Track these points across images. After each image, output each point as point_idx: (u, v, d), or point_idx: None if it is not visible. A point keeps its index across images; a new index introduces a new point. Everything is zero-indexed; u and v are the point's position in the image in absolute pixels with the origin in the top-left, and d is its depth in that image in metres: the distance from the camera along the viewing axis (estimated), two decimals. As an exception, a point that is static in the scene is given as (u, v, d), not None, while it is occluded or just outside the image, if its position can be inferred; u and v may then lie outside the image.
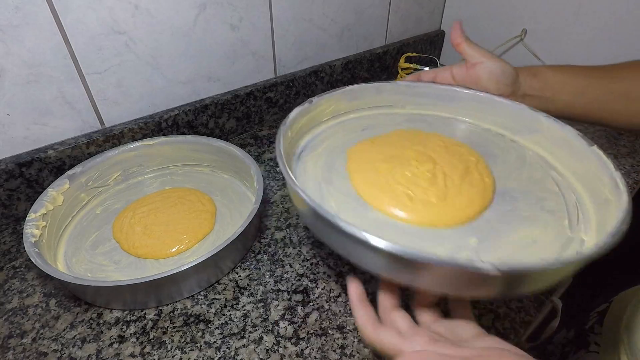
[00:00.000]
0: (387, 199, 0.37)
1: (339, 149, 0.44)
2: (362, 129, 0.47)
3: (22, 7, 0.45)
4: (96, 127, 0.57)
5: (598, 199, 0.37)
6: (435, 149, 0.44)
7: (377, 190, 0.38)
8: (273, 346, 0.39)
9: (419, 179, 0.39)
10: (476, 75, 0.45)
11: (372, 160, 0.42)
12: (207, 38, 0.62)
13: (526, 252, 0.33)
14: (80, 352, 0.38)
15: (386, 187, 0.39)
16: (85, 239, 0.49)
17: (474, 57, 0.45)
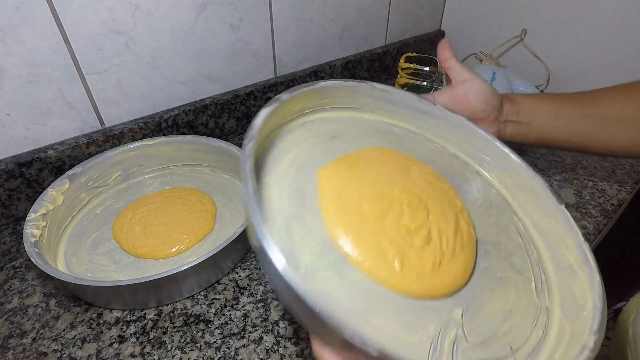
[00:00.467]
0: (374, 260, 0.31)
1: (308, 168, 0.36)
2: (331, 136, 0.40)
3: (22, 7, 0.45)
4: (96, 127, 0.57)
5: (560, 263, 0.35)
6: (423, 186, 0.38)
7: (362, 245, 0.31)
8: (273, 346, 0.39)
9: (413, 237, 0.33)
10: (464, 93, 0.43)
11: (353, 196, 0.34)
12: (207, 38, 0.62)
13: (505, 326, 0.31)
14: (80, 352, 0.38)
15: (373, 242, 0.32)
16: (85, 239, 0.49)
17: (463, 74, 0.43)
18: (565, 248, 0.35)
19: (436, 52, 0.46)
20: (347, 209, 0.33)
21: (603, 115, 0.44)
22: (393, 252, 0.31)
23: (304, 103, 0.39)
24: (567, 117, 0.44)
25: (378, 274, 0.30)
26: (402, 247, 0.32)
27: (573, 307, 0.32)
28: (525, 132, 0.45)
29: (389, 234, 0.33)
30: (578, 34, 0.82)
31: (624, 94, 0.44)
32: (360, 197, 0.34)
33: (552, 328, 0.32)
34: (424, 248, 0.33)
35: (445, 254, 0.33)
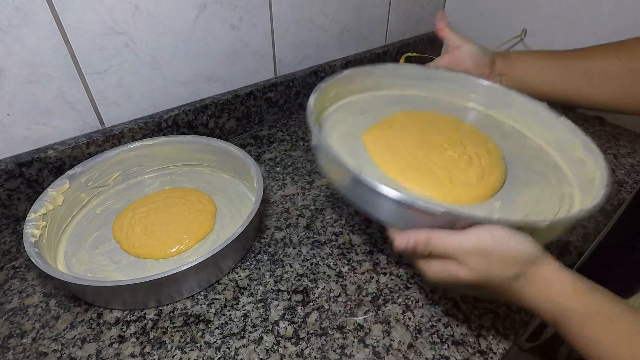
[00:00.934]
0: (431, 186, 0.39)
1: (353, 135, 0.45)
2: (361, 112, 0.50)
3: (22, 7, 0.45)
4: (96, 127, 0.57)
5: (572, 159, 0.44)
6: (453, 129, 0.48)
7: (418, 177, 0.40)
8: (273, 346, 0.39)
9: (458, 162, 0.42)
10: (459, 56, 0.50)
11: (400, 145, 0.44)
12: (207, 38, 0.62)
13: (537, 208, 0.39)
14: (80, 352, 0.38)
15: (427, 172, 0.41)
16: (85, 239, 0.49)
17: (456, 40, 0.50)
18: (572, 147, 0.44)
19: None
20: (398, 155, 0.42)
21: (586, 71, 0.49)
22: (444, 173, 0.41)
23: (335, 90, 0.49)
24: (554, 73, 0.50)
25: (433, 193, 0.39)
26: (451, 170, 0.41)
27: (587, 184, 0.40)
28: (517, 85, 0.50)
29: (438, 163, 0.42)
30: (578, 34, 0.82)
31: (611, 51, 0.49)
32: (406, 145, 0.44)
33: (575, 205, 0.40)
34: (468, 168, 0.42)
35: (485, 169, 0.42)
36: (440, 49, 1.07)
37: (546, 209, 0.39)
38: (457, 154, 0.43)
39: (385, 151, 0.43)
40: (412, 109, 0.51)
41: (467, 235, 0.29)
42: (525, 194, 0.41)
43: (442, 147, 0.44)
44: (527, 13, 0.87)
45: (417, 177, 0.40)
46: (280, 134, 0.74)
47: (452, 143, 0.45)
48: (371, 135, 0.45)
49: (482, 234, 0.29)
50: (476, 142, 0.46)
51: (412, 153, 0.43)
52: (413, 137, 0.45)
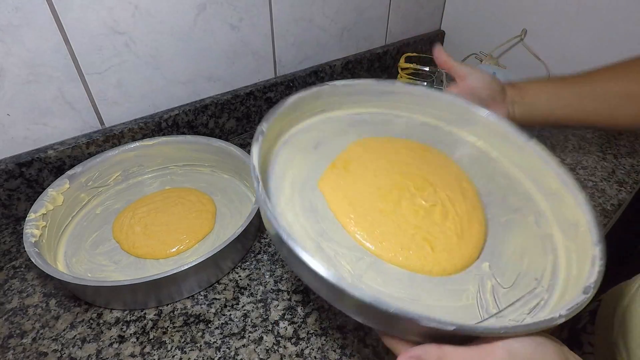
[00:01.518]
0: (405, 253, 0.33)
1: (308, 184, 0.38)
2: (313, 146, 0.42)
3: (22, 7, 0.45)
4: (96, 127, 0.57)
5: (546, 191, 0.39)
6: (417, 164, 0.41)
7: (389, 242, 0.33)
8: (273, 346, 0.39)
9: (432, 214, 0.36)
10: (470, 85, 0.48)
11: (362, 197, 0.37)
12: (207, 38, 0.62)
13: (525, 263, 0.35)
14: (80, 352, 0.38)
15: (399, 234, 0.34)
16: (85, 239, 0.49)
17: (463, 70, 0.48)
18: (545, 177, 0.39)
19: None
20: (362, 210, 0.35)
21: (604, 93, 0.48)
22: (421, 236, 0.34)
23: (280, 125, 0.41)
24: (566, 98, 0.49)
25: (413, 266, 0.33)
26: (426, 227, 0.35)
27: (569, 227, 0.35)
28: (530, 112, 0.49)
29: (409, 220, 0.35)
30: (578, 34, 0.82)
31: (623, 71, 0.48)
32: (369, 196, 0.37)
33: (559, 250, 0.35)
34: (444, 222, 0.36)
35: (463, 220, 0.36)
36: (440, 49, 1.07)
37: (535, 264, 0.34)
38: (428, 203, 0.37)
39: (346, 205, 0.36)
40: (368, 135, 0.44)
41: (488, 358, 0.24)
42: (510, 244, 0.36)
43: (410, 191, 0.38)
44: (527, 13, 0.87)
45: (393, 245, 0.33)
46: (280, 134, 0.74)
47: (419, 185, 0.38)
48: (327, 182, 0.38)
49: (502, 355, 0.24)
50: (446, 179, 0.40)
51: (379, 208, 0.36)
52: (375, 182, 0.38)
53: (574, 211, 0.35)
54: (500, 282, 0.33)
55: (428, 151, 0.44)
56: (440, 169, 0.41)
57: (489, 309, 0.32)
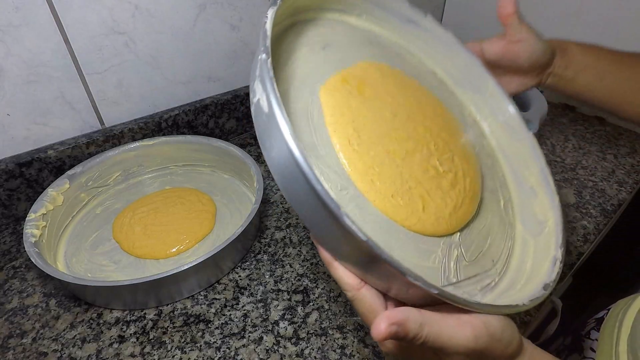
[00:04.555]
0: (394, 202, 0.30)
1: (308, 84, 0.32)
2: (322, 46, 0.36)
3: (22, 7, 0.45)
4: (96, 127, 0.57)
5: (522, 184, 0.38)
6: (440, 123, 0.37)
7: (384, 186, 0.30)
8: (273, 346, 0.39)
9: (442, 179, 0.34)
10: (516, 52, 0.42)
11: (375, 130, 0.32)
12: (207, 38, 0.62)
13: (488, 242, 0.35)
14: (80, 352, 0.38)
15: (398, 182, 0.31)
16: (85, 239, 0.49)
17: (521, 32, 0.42)
18: (527, 171, 0.38)
19: None
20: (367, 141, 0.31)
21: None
22: (418, 192, 0.32)
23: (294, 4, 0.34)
24: (612, 80, 0.44)
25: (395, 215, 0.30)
26: (429, 187, 0.33)
27: (534, 224, 0.35)
28: (565, 85, 0.45)
29: (416, 173, 0.32)
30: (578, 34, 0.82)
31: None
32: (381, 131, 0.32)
33: (516, 240, 0.35)
34: (449, 191, 0.34)
35: (466, 196, 0.34)
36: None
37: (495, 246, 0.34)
38: (443, 168, 0.34)
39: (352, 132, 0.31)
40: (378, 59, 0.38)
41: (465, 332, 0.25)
42: (480, 222, 0.35)
43: (428, 148, 0.34)
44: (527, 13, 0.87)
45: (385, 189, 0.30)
46: (280, 134, 0.74)
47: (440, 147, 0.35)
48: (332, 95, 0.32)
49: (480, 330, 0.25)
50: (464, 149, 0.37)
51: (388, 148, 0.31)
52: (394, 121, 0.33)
53: (545, 211, 0.35)
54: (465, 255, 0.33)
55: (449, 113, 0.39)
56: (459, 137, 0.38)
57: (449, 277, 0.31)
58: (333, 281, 0.45)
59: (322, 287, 0.45)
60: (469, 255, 0.33)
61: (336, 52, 0.36)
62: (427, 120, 0.36)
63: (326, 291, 0.44)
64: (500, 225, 0.36)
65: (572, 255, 0.50)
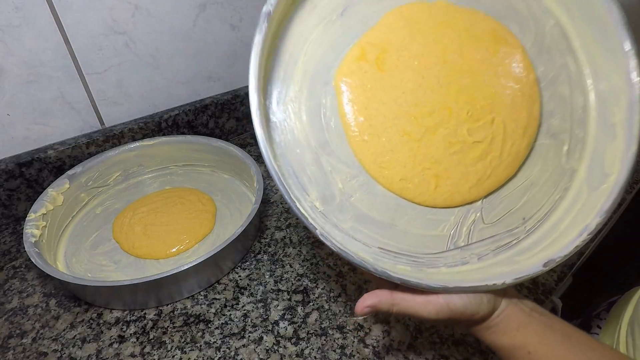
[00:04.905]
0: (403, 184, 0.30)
1: (322, 75, 0.30)
2: (338, 12, 0.31)
3: (22, 7, 0.45)
4: (96, 127, 0.57)
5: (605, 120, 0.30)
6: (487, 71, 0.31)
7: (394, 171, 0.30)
8: (273, 346, 0.39)
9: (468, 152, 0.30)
10: None
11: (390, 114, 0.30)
12: (207, 38, 0.62)
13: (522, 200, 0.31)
14: (80, 352, 0.38)
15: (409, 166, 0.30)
16: (85, 239, 0.49)
17: None
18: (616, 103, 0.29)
19: None
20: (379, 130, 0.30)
21: None
22: (433, 172, 0.31)
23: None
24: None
25: (407, 195, 0.31)
26: (447, 164, 0.31)
27: (599, 173, 0.29)
28: None
29: (433, 152, 0.31)
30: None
31: None
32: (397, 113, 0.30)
33: (570, 191, 0.30)
34: (476, 163, 0.31)
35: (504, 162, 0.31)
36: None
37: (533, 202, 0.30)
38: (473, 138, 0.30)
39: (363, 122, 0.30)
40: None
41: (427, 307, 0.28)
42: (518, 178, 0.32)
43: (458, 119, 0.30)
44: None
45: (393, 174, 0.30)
46: (280, 134, 0.74)
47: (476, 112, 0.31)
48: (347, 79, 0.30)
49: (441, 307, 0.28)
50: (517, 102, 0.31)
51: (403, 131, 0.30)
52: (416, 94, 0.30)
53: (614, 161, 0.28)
54: (484, 218, 0.31)
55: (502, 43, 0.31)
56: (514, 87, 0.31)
57: (457, 241, 0.31)
58: (333, 281, 0.45)
59: (322, 287, 0.45)
60: (489, 218, 0.31)
61: (356, 12, 0.31)
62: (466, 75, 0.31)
63: (326, 291, 0.44)
64: (553, 175, 0.31)
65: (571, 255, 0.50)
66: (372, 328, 0.40)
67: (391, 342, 0.39)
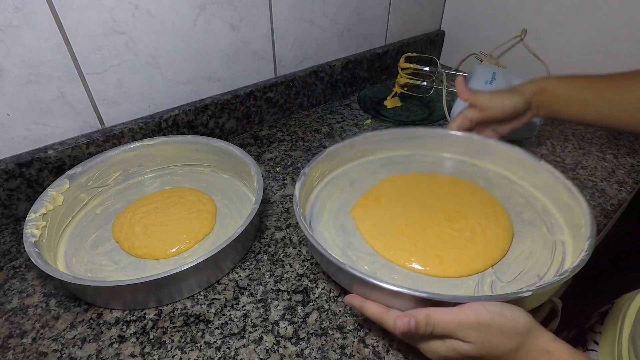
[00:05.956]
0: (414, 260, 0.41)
1: (343, 211, 0.49)
2: (349, 183, 0.53)
3: (22, 7, 0.45)
4: (96, 127, 0.57)
5: (559, 204, 0.45)
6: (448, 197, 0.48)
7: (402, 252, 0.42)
8: (273, 346, 0.39)
9: (455, 239, 0.43)
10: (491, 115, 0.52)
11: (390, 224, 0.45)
12: (207, 38, 0.62)
13: (529, 263, 0.41)
14: (80, 352, 0.38)
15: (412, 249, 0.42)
16: (85, 239, 0.49)
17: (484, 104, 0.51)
18: (558, 192, 0.45)
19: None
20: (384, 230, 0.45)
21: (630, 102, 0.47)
22: (435, 254, 0.41)
23: (320, 169, 0.52)
24: (597, 106, 0.49)
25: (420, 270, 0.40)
26: (443, 248, 0.42)
27: (576, 231, 0.41)
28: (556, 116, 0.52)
29: (430, 241, 0.43)
30: (578, 34, 0.82)
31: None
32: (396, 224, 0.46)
33: (568, 253, 0.41)
34: (468, 244, 0.42)
35: (490, 242, 0.42)
36: (440, 49, 1.07)
37: (540, 264, 0.40)
38: (456, 231, 0.44)
39: (372, 229, 0.45)
40: (399, 172, 0.54)
41: (464, 311, 0.30)
42: (517, 249, 0.42)
43: (439, 223, 0.45)
44: (527, 13, 0.87)
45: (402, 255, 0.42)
46: (280, 134, 0.74)
47: (451, 217, 0.46)
48: (357, 209, 0.48)
49: (478, 308, 0.29)
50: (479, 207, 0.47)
51: (402, 231, 0.45)
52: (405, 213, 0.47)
53: (580, 217, 0.40)
54: (500, 279, 0.39)
55: (457, 183, 0.51)
56: (473, 199, 0.48)
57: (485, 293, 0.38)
58: (333, 281, 0.45)
59: (322, 287, 0.45)
60: (506, 278, 0.39)
61: (360, 183, 0.53)
62: (435, 200, 0.48)
63: (326, 291, 0.44)
64: (545, 246, 0.42)
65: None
66: (372, 328, 0.40)
67: (391, 342, 0.39)
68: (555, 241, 0.42)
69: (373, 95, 0.86)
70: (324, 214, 0.48)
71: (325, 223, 0.47)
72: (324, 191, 0.51)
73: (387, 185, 0.51)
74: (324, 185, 0.52)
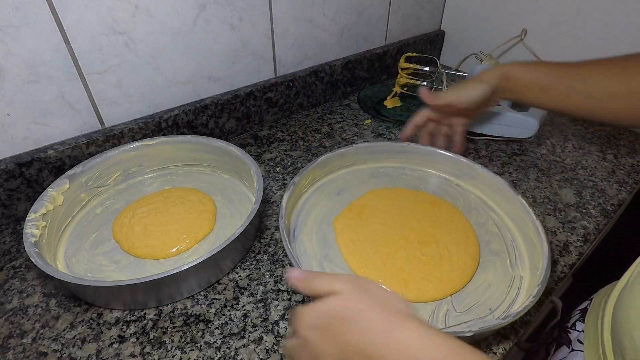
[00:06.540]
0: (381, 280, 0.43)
1: (326, 221, 0.51)
2: (336, 192, 0.55)
3: (22, 7, 0.45)
4: (96, 127, 0.57)
5: (526, 239, 0.47)
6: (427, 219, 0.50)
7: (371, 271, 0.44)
8: (273, 346, 0.39)
9: (424, 264, 0.45)
10: (462, 108, 0.55)
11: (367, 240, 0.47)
12: (207, 38, 0.62)
13: (486, 295, 0.42)
14: (80, 352, 0.38)
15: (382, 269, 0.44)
16: (85, 239, 0.49)
17: (453, 101, 0.55)
18: (527, 227, 0.46)
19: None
20: (360, 248, 0.47)
21: (589, 91, 0.49)
22: (401, 277, 0.43)
23: (310, 177, 0.54)
24: (556, 92, 0.52)
25: None
26: (410, 272, 0.44)
27: (534, 271, 0.42)
28: (521, 100, 0.55)
29: (399, 263, 0.45)
30: (578, 34, 0.82)
31: (611, 69, 0.49)
32: (371, 240, 0.48)
33: (523, 290, 0.42)
34: (434, 270, 0.44)
35: (455, 271, 0.44)
36: (440, 49, 1.07)
37: (494, 295, 0.42)
38: (426, 256, 0.46)
39: (350, 243, 0.47)
40: (385, 185, 0.57)
41: None
42: (478, 279, 0.44)
43: (412, 245, 0.47)
44: (527, 13, 0.87)
45: (373, 276, 0.43)
46: (280, 134, 0.74)
47: (424, 240, 0.48)
48: (341, 222, 0.50)
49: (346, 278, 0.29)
50: (453, 234, 0.48)
51: (376, 250, 0.46)
52: (384, 231, 0.49)
53: (540, 258, 0.41)
54: (455, 308, 0.41)
55: (437, 204, 0.53)
56: (449, 224, 0.50)
57: (436, 324, 0.39)
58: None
59: (322, 287, 0.45)
60: (461, 307, 0.41)
61: (347, 193, 0.55)
62: (414, 221, 0.50)
63: (326, 291, 0.44)
64: (505, 279, 0.44)
65: (572, 255, 0.50)
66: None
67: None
68: (514, 276, 0.44)
69: (373, 95, 0.86)
70: (309, 222, 0.50)
71: (308, 231, 0.49)
72: (312, 198, 0.54)
73: (371, 198, 0.54)
74: (313, 192, 0.55)
